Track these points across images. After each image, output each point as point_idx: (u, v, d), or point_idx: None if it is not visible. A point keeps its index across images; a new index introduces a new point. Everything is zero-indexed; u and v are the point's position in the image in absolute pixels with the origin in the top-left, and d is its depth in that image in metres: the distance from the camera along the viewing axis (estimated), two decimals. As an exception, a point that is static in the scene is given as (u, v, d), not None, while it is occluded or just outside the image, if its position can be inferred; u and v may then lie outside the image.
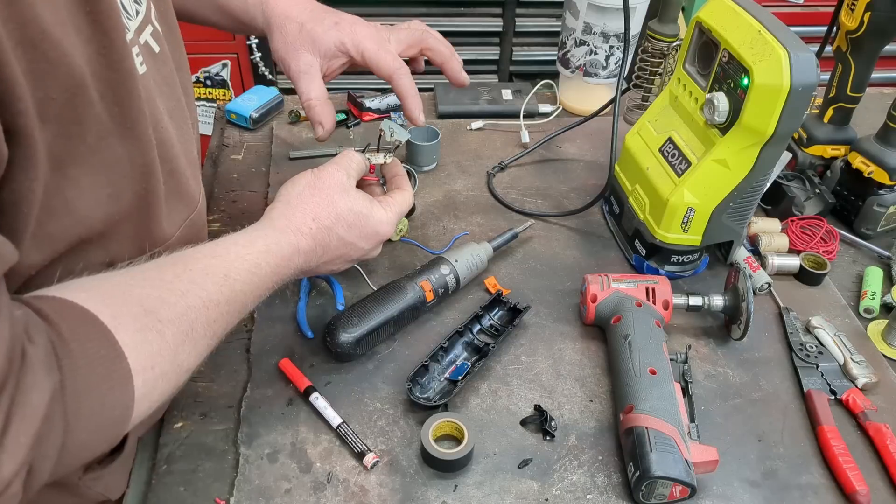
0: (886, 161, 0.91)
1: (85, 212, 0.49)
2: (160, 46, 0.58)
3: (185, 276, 0.53)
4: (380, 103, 1.13)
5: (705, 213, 0.81)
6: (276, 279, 0.61)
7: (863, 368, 0.77)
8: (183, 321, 0.50)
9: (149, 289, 0.50)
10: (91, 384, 0.43)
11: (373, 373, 0.75)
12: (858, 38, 0.91)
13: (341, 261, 0.68)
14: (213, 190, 0.98)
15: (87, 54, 0.45)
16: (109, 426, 0.45)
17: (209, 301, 0.53)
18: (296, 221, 0.63)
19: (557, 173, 1.05)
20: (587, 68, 1.12)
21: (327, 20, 0.74)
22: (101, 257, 0.54)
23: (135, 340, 0.46)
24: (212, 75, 2.01)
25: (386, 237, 0.70)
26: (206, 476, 0.65)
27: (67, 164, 0.46)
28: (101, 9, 0.45)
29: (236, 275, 0.56)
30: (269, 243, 0.60)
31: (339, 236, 0.65)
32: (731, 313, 0.79)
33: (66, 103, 0.44)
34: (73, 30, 0.44)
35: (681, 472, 0.62)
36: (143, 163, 0.52)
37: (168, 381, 0.49)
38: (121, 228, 0.54)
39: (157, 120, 0.55)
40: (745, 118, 0.73)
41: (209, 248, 0.57)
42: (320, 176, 0.67)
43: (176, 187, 0.59)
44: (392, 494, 0.64)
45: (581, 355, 0.78)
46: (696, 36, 0.83)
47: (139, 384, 0.45)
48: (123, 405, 0.45)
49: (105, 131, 0.48)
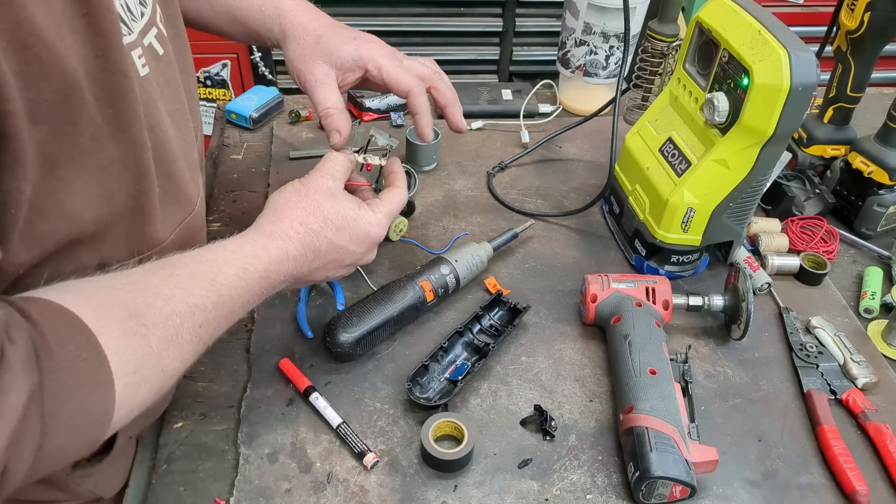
0: (886, 161, 0.91)
1: (76, 212, 0.49)
2: (164, 49, 0.58)
3: (172, 280, 0.52)
4: (380, 103, 1.13)
5: (705, 213, 0.81)
6: (266, 285, 0.60)
7: (863, 368, 0.77)
8: (168, 326, 0.50)
9: (135, 293, 0.50)
10: (71, 387, 0.42)
11: (373, 373, 0.75)
12: (858, 38, 0.91)
13: (335, 266, 0.67)
14: (213, 190, 0.98)
15: (82, 56, 0.45)
16: (88, 430, 0.45)
17: (195, 306, 0.52)
18: (283, 226, 0.63)
19: (557, 173, 1.05)
20: (587, 68, 1.12)
21: (345, 34, 0.75)
22: (93, 258, 0.54)
23: (118, 344, 0.45)
24: (212, 75, 2.01)
25: (378, 239, 0.69)
26: (206, 476, 0.65)
27: (59, 165, 0.46)
28: (97, 11, 0.45)
29: (223, 280, 0.56)
30: (256, 248, 0.60)
31: (328, 240, 0.65)
32: (731, 313, 0.79)
33: (58, 104, 0.44)
34: (69, 31, 0.44)
35: (681, 472, 0.62)
36: (137, 165, 0.52)
37: (151, 387, 0.49)
38: (113, 230, 0.53)
39: (156, 122, 0.55)
40: (745, 118, 0.73)
41: (197, 253, 0.57)
42: (306, 183, 0.66)
43: (172, 190, 0.59)
44: (392, 494, 0.64)
45: (581, 355, 0.78)
46: (696, 36, 0.83)
47: (120, 388, 0.45)
48: (103, 409, 0.45)
49: (99, 133, 0.48)
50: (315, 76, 0.72)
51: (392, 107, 1.14)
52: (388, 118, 1.13)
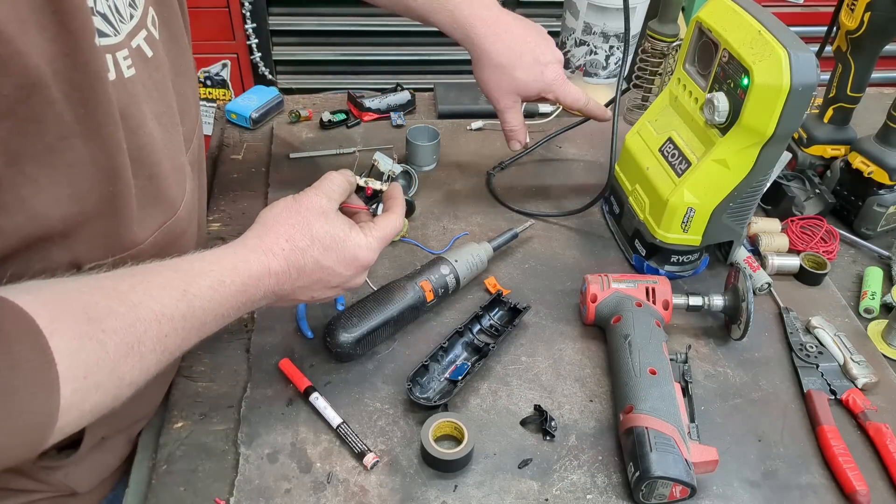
0: (886, 161, 0.91)
1: (42, 210, 0.48)
2: (154, 51, 0.58)
3: (141, 287, 0.51)
4: (380, 103, 1.13)
5: (705, 213, 0.81)
6: (243, 299, 0.59)
7: (863, 368, 0.77)
8: (129, 333, 0.49)
9: (98, 297, 0.49)
10: (15, 387, 0.42)
11: (373, 373, 0.75)
12: (858, 38, 0.91)
13: (321, 287, 0.66)
14: (213, 190, 0.98)
15: (49, 53, 0.44)
16: (28, 431, 0.44)
17: (162, 315, 0.51)
18: (268, 241, 0.61)
19: (557, 173, 1.05)
20: (587, 68, 1.12)
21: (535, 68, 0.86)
22: (64, 257, 0.53)
23: (70, 348, 0.45)
24: (212, 75, 2.01)
25: (367, 264, 0.67)
26: (206, 476, 0.65)
27: (24, 161, 0.46)
28: (67, 9, 0.45)
29: (196, 290, 0.54)
30: (236, 261, 0.59)
31: (314, 259, 0.63)
32: (731, 313, 0.79)
33: (21, 100, 0.43)
34: (35, 28, 0.43)
35: (681, 472, 0.62)
36: (110, 166, 0.51)
37: (105, 393, 0.48)
38: (85, 230, 0.53)
39: (139, 124, 0.54)
40: (745, 118, 0.73)
41: (174, 262, 0.56)
42: (299, 199, 0.65)
43: (153, 192, 0.58)
44: (392, 494, 0.64)
45: (581, 355, 0.78)
46: (696, 36, 0.83)
47: (67, 392, 0.44)
48: (46, 412, 0.44)
49: (68, 131, 0.47)
50: (507, 104, 0.87)
51: (392, 107, 1.14)
52: (389, 118, 1.13)
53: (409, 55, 2.04)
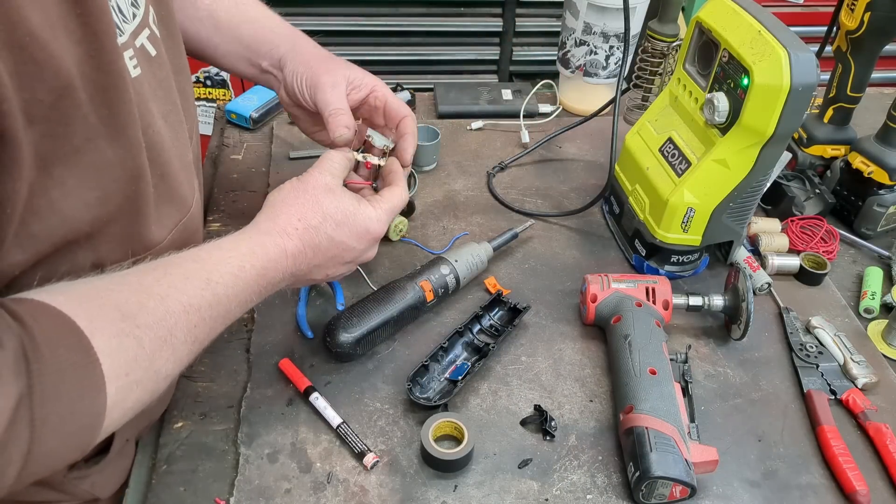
0: (886, 161, 0.91)
1: (70, 213, 0.49)
2: (157, 50, 0.58)
3: (165, 280, 0.52)
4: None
5: (705, 213, 0.81)
6: (264, 283, 0.59)
7: (863, 368, 0.77)
8: (161, 326, 0.49)
9: (127, 293, 0.49)
10: (61, 391, 0.42)
11: (373, 373, 0.75)
12: (858, 38, 0.91)
13: (335, 263, 0.66)
14: (213, 190, 0.98)
15: (76, 56, 0.45)
16: (79, 434, 0.44)
17: (190, 306, 0.52)
18: (281, 223, 0.62)
19: (557, 173, 1.05)
20: (587, 68, 1.12)
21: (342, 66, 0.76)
22: (89, 259, 0.53)
23: (110, 346, 0.45)
24: (212, 75, 2.01)
25: (379, 235, 0.68)
26: (206, 476, 0.65)
27: (53, 165, 0.46)
28: (91, 10, 0.45)
29: (218, 278, 0.55)
30: (253, 246, 0.59)
31: (328, 235, 0.64)
32: (731, 313, 0.79)
33: (53, 105, 0.44)
34: (63, 31, 0.43)
35: (681, 472, 0.62)
36: (133, 166, 0.52)
37: (144, 389, 0.48)
38: (108, 231, 0.53)
39: (148, 123, 0.54)
40: (745, 118, 0.73)
41: (192, 252, 0.56)
42: (304, 180, 0.66)
43: (167, 191, 0.59)
44: (392, 494, 0.64)
45: (581, 355, 0.78)
46: (696, 36, 0.83)
47: (112, 391, 0.45)
48: (94, 413, 0.44)
49: (93, 133, 0.48)
50: (326, 81, 0.73)
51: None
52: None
53: (409, 55, 2.04)
